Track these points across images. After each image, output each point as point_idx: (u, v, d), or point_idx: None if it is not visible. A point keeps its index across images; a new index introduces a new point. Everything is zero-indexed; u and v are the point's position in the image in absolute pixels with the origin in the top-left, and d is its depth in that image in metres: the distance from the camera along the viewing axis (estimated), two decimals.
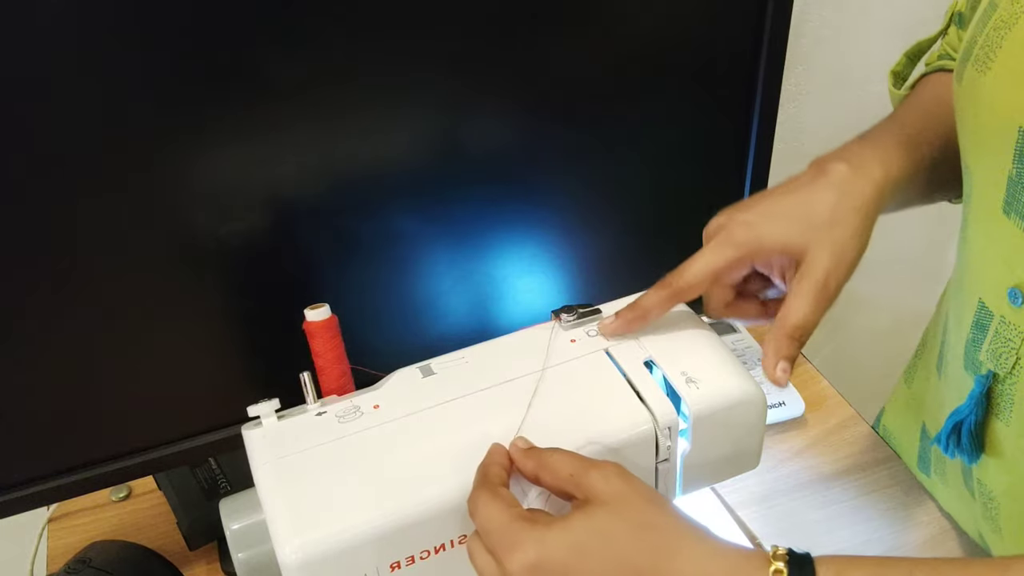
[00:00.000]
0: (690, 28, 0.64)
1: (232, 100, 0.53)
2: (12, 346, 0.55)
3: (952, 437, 0.59)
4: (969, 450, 0.58)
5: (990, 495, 0.60)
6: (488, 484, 0.42)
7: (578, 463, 0.42)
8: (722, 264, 0.50)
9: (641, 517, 0.39)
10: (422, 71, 0.57)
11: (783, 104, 0.70)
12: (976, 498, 0.62)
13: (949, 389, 0.62)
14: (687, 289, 0.51)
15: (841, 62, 1.05)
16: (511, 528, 0.39)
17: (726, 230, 0.51)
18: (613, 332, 0.52)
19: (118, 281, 0.56)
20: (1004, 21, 0.48)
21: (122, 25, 0.49)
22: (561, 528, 0.39)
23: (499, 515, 0.40)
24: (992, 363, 0.54)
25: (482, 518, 0.41)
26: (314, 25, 0.53)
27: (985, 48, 0.49)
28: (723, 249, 0.51)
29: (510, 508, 0.40)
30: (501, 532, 0.40)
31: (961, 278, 0.58)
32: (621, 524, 0.39)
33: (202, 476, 0.74)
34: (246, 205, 0.57)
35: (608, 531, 0.39)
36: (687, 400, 0.49)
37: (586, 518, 0.39)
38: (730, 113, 0.69)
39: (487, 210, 0.65)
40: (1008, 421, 0.54)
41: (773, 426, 0.80)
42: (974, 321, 0.55)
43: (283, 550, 0.42)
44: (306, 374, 0.50)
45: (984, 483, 0.60)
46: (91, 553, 0.67)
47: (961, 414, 0.57)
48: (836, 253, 0.49)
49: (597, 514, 0.39)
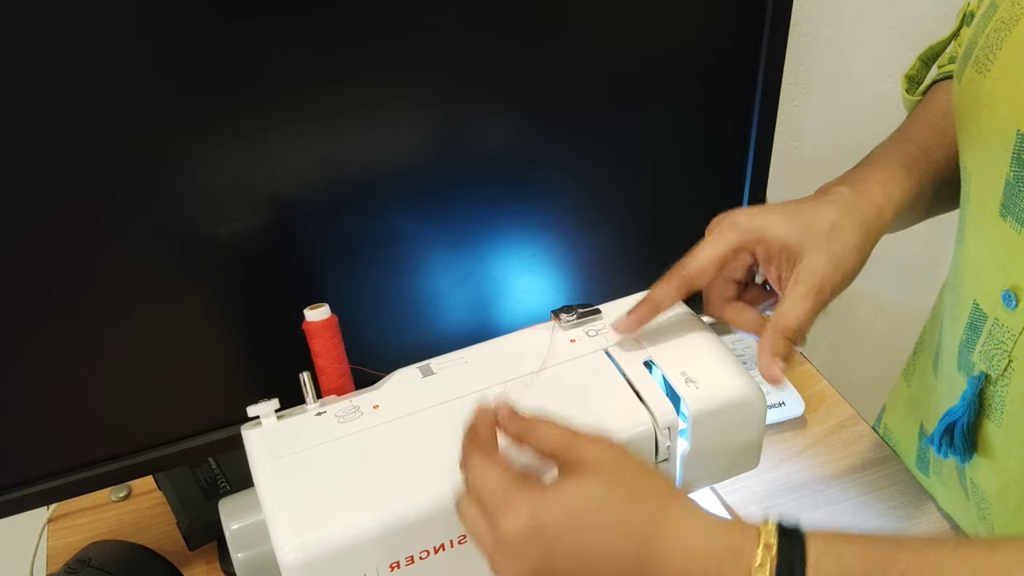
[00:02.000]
0: (690, 28, 0.64)
1: (233, 100, 0.53)
2: (12, 346, 0.55)
3: (945, 437, 0.59)
4: (961, 451, 0.58)
5: (983, 495, 0.60)
6: (480, 445, 0.42)
7: (568, 432, 0.42)
8: (727, 249, 0.50)
9: (634, 486, 0.40)
10: (423, 71, 0.57)
11: (783, 104, 0.70)
12: (970, 498, 0.62)
13: (944, 389, 0.63)
14: (695, 276, 0.50)
15: (841, 62, 1.05)
16: (506, 492, 0.40)
17: (729, 220, 0.52)
18: (628, 328, 0.52)
19: (118, 281, 0.56)
20: (1004, 23, 0.48)
21: (122, 24, 0.49)
22: (555, 493, 0.39)
23: (494, 478, 0.40)
24: (985, 364, 0.54)
25: (476, 479, 0.41)
26: (314, 25, 0.53)
27: (985, 49, 0.49)
28: (727, 235, 0.51)
29: (505, 472, 0.40)
30: (496, 495, 0.40)
31: (956, 279, 0.58)
32: (614, 492, 0.39)
33: (202, 476, 0.74)
34: (246, 205, 0.57)
35: (602, 498, 0.39)
36: (687, 400, 0.49)
37: (579, 485, 0.40)
38: (730, 113, 0.69)
39: (487, 210, 0.65)
40: (999, 422, 0.54)
41: (773, 426, 0.80)
42: (968, 322, 0.55)
43: (282, 550, 0.42)
44: (306, 374, 0.50)
45: (977, 483, 0.60)
46: (91, 553, 0.67)
47: (954, 415, 0.57)
48: (833, 262, 0.50)
49: (590, 481, 0.40)
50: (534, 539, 0.38)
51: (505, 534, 0.39)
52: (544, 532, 0.38)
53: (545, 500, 0.39)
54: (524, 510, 0.39)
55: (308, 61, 0.54)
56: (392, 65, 0.56)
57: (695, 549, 0.38)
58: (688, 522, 0.39)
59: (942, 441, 0.59)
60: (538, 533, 0.38)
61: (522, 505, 0.39)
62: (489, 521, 0.40)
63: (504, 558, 0.39)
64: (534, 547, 0.38)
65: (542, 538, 0.38)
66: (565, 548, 0.38)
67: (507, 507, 0.39)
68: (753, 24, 0.65)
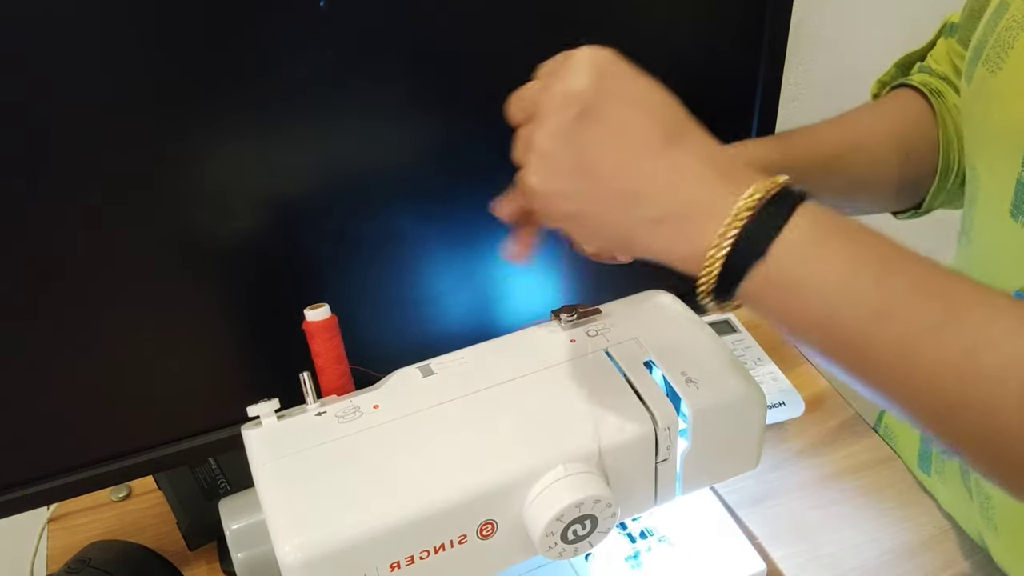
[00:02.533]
0: (690, 28, 0.64)
1: (233, 100, 0.53)
2: (12, 346, 0.55)
3: None
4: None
5: (987, 494, 0.60)
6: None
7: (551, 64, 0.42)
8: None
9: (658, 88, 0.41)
10: (423, 71, 0.57)
11: (783, 104, 0.70)
12: (974, 497, 0.62)
13: None
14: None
15: (841, 62, 1.05)
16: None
17: None
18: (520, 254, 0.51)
19: (118, 280, 0.56)
20: (1016, 21, 0.47)
21: (123, 24, 0.49)
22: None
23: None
24: None
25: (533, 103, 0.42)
26: (315, 25, 0.53)
27: (996, 48, 0.49)
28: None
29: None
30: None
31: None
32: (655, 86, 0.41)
33: (202, 476, 0.74)
34: (247, 205, 0.57)
35: (647, 80, 0.41)
36: (687, 400, 0.49)
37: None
38: (730, 113, 0.69)
39: (488, 210, 0.65)
40: None
41: (773, 426, 0.80)
42: None
43: (283, 550, 0.42)
44: (306, 374, 0.50)
45: (981, 482, 0.60)
46: (91, 553, 0.67)
47: None
48: None
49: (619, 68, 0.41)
50: (597, 61, 0.40)
51: (574, 57, 0.40)
52: (604, 64, 0.40)
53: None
54: (587, 52, 0.40)
55: (309, 61, 0.54)
56: (392, 64, 0.56)
57: (716, 153, 0.39)
58: (706, 138, 0.41)
59: None
60: (600, 58, 0.40)
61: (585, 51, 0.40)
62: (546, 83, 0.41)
63: (558, 82, 0.40)
64: (592, 72, 0.39)
65: (601, 70, 0.39)
66: (617, 85, 0.40)
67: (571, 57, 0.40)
68: (753, 24, 0.65)
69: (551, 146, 0.40)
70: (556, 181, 0.40)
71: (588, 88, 0.39)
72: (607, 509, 0.46)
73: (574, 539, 0.46)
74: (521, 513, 0.46)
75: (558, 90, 0.40)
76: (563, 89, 0.39)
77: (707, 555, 0.63)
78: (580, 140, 0.39)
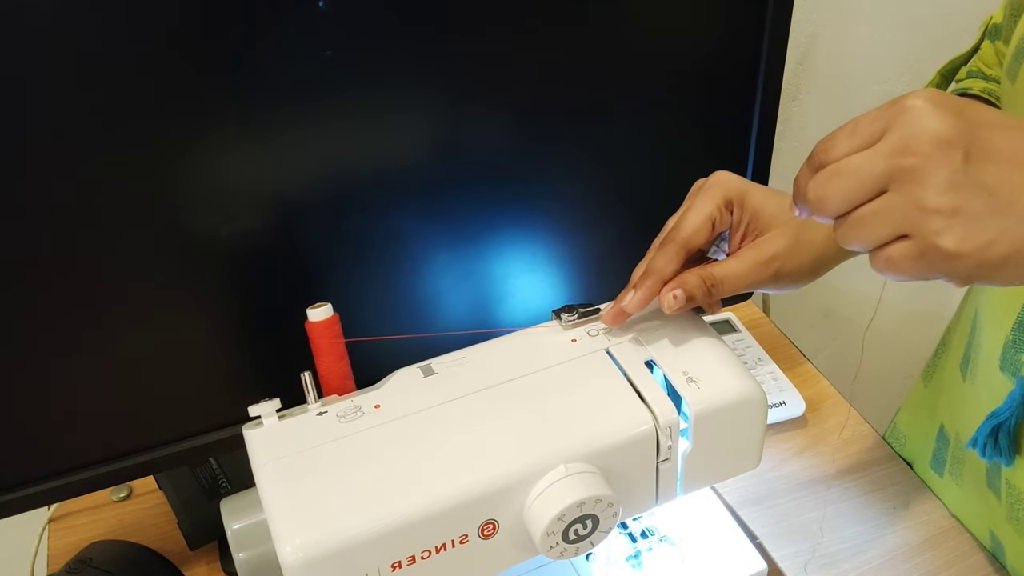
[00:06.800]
0: (690, 28, 0.64)
1: (233, 100, 0.53)
2: (12, 346, 0.55)
3: (989, 439, 0.58)
4: (1006, 452, 0.57)
5: (1019, 497, 0.59)
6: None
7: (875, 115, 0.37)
8: (714, 208, 0.50)
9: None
10: (423, 71, 0.57)
11: (783, 104, 0.70)
12: (1003, 500, 0.61)
13: (978, 390, 0.62)
14: (691, 237, 0.49)
15: (841, 62, 1.05)
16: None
17: (716, 178, 0.51)
18: (638, 306, 0.50)
19: (119, 281, 0.56)
20: None
21: (123, 24, 0.49)
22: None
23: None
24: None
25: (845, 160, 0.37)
26: (315, 25, 0.53)
27: None
28: (714, 192, 0.50)
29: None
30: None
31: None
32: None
33: (202, 476, 0.74)
34: (247, 205, 0.57)
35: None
36: (688, 400, 0.49)
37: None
38: (730, 113, 0.69)
39: (488, 210, 0.65)
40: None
41: (773, 426, 0.81)
42: (1017, 323, 0.55)
43: (284, 550, 0.42)
44: (307, 374, 0.50)
45: (1014, 485, 0.59)
46: (91, 553, 0.67)
47: (1000, 416, 0.57)
48: (795, 247, 0.49)
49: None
50: (935, 99, 0.36)
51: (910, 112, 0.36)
52: (943, 99, 0.36)
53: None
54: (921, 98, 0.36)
55: (309, 61, 0.54)
56: (392, 64, 0.56)
57: None
58: None
59: (986, 443, 0.58)
60: (934, 96, 0.36)
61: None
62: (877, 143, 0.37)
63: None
64: (953, 123, 0.35)
65: (946, 106, 0.35)
66: (973, 114, 0.36)
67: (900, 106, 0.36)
68: (754, 24, 0.65)
69: (955, 200, 0.36)
70: (981, 232, 0.36)
71: (956, 127, 0.35)
72: (608, 509, 0.46)
73: (575, 539, 0.46)
74: (522, 513, 0.46)
75: (922, 143, 0.36)
76: (928, 140, 0.35)
77: (708, 555, 0.63)
78: (983, 181, 0.36)
